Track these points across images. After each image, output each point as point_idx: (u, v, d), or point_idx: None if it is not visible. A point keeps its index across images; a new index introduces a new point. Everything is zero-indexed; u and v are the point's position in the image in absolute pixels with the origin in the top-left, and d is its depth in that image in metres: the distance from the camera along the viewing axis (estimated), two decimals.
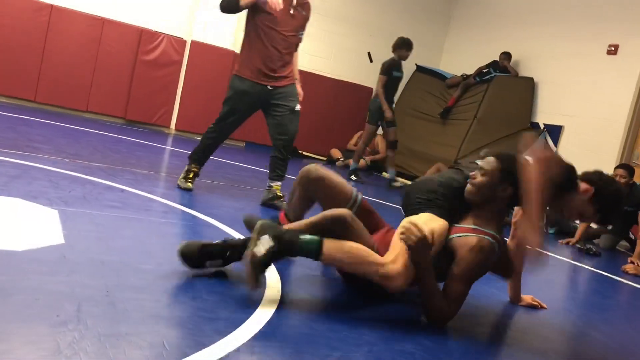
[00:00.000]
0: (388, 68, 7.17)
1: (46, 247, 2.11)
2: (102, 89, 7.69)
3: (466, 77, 8.79)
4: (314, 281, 2.47)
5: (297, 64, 4.17)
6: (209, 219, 3.19)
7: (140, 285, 1.96)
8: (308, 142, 8.93)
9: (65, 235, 2.28)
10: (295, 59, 4.15)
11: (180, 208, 3.32)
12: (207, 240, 2.23)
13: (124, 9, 7.73)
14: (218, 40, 8.18)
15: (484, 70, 8.64)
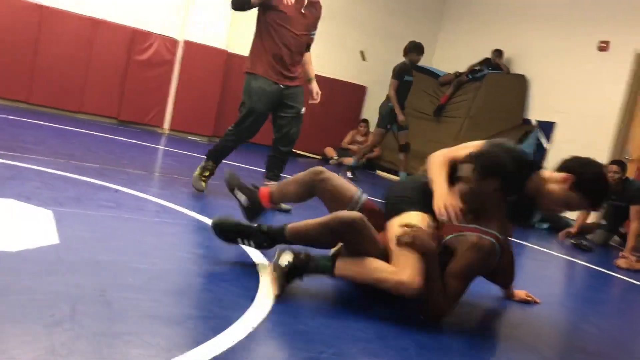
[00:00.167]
0: (399, 72, 7.03)
1: (41, 248, 2.11)
2: (95, 90, 7.66)
3: (459, 75, 8.81)
4: (308, 279, 2.48)
5: (311, 63, 4.17)
6: (204, 218, 3.19)
7: (135, 285, 1.96)
8: (302, 140, 8.81)
9: (59, 236, 2.28)
10: (309, 59, 4.15)
11: (174, 208, 3.32)
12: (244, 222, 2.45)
13: (116, 10, 7.70)
14: (211, 40, 8.17)
15: (477, 68, 8.67)
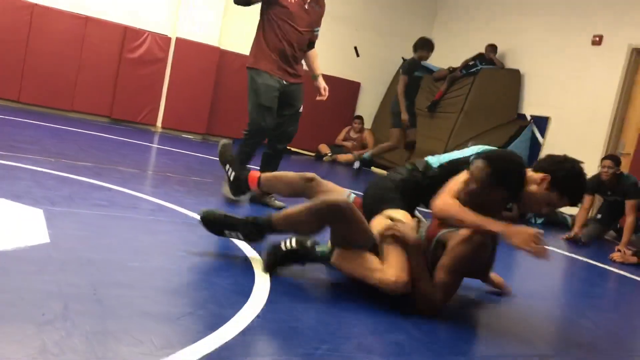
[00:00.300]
0: (409, 68, 6.86)
1: (32, 247, 2.09)
2: (87, 88, 7.62)
3: (453, 70, 8.81)
4: (302, 275, 2.47)
5: (317, 59, 4.13)
6: (197, 216, 3.17)
7: (127, 283, 1.94)
8: (296, 137, 8.83)
9: (51, 235, 2.26)
10: (315, 55, 4.12)
11: (167, 206, 3.30)
12: (231, 214, 2.45)
13: (107, 7, 7.65)
14: (203, 37, 8.13)
15: (470, 63, 8.66)
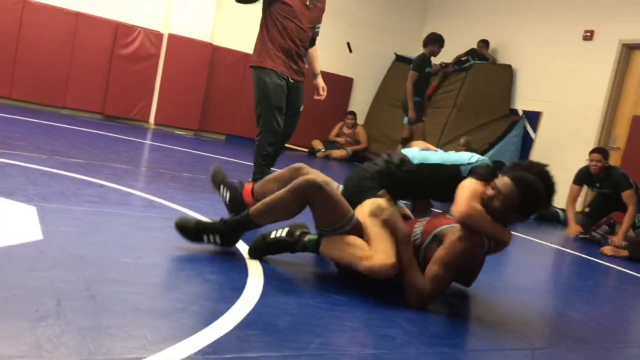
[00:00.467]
0: (420, 64, 6.72)
1: (24, 244, 2.08)
2: (79, 85, 7.58)
3: (445, 66, 8.83)
4: (296, 269, 2.48)
5: (317, 57, 4.12)
6: (190, 212, 3.18)
7: (120, 279, 1.95)
8: None
9: (43, 231, 2.25)
10: (315, 53, 4.10)
11: (160, 202, 3.30)
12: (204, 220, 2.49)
13: (98, 3, 7.61)
14: (195, 33, 8.10)
15: (463, 59, 8.69)
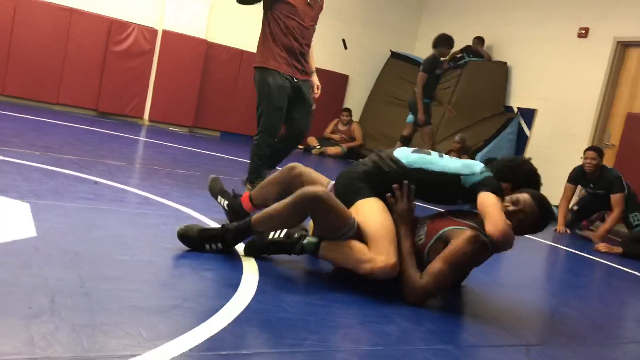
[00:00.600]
0: (430, 66, 6.73)
1: (18, 241, 2.07)
2: (73, 81, 7.55)
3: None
4: (291, 266, 2.48)
5: (313, 54, 4.10)
6: (184, 209, 3.17)
7: (115, 276, 1.94)
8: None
9: (37, 228, 2.24)
10: (312, 51, 4.08)
11: (154, 198, 3.29)
12: (206, 226, 2.44)
13: None
14: (190, 30, 8.08)
15: (458, 56, 8.69)
